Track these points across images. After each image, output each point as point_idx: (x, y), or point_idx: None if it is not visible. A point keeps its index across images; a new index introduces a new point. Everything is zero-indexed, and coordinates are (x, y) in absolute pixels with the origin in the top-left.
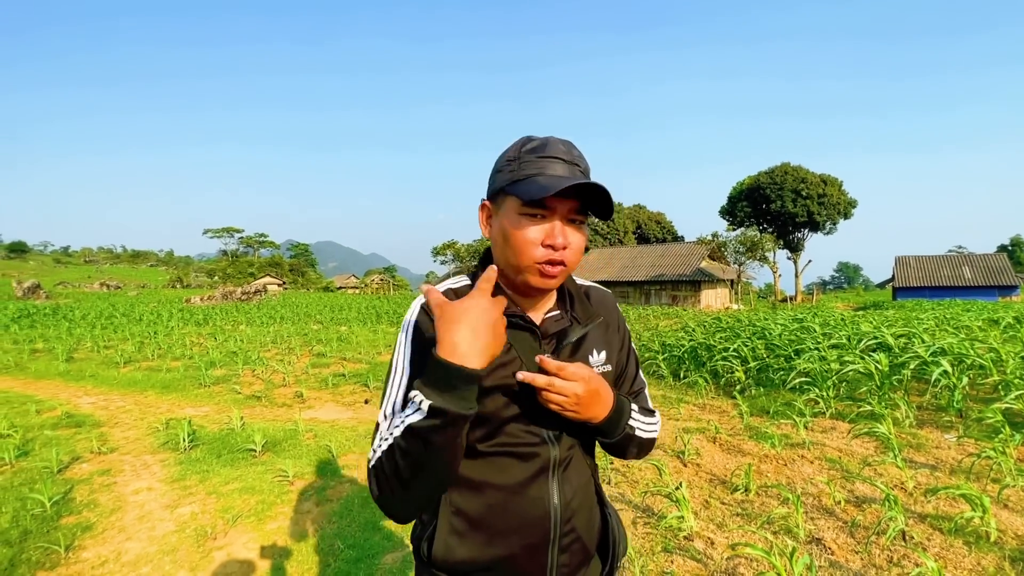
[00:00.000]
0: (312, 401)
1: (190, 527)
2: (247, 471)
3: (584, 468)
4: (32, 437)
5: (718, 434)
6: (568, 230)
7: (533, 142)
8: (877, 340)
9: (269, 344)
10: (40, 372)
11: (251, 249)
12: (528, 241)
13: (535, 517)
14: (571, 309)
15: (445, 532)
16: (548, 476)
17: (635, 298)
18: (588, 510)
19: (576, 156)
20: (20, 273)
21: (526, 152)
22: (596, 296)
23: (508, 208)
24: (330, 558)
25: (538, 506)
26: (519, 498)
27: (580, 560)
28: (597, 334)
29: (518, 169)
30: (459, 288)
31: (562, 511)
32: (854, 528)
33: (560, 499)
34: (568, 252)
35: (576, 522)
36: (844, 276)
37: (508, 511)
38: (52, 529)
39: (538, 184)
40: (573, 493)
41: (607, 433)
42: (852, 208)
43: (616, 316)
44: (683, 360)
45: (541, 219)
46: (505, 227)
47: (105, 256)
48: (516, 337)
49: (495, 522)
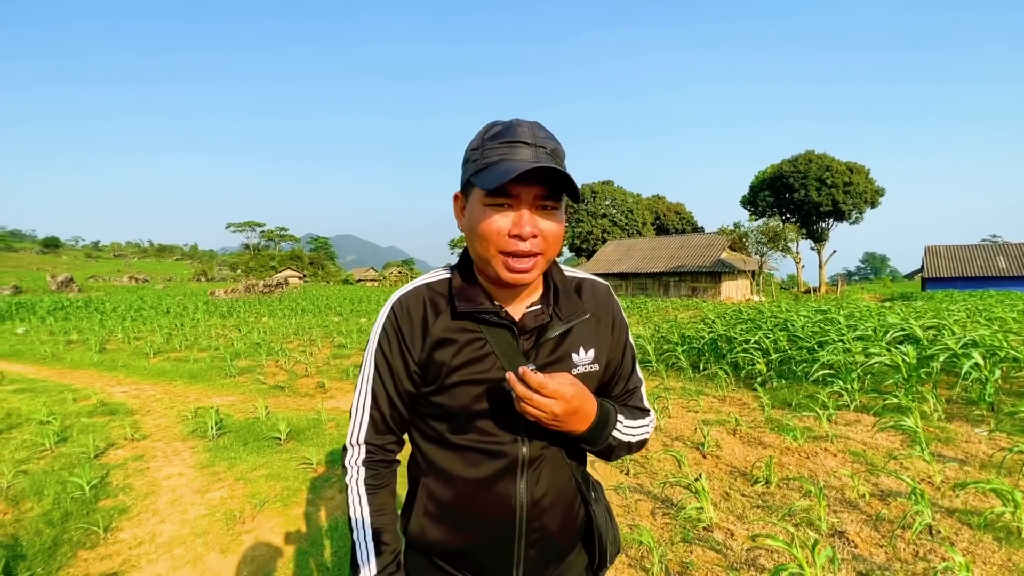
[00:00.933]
0: (334, 391)
1: (220, 511)
2: (273, 458)
3: (563, 467)
4: (70, 424)
5: (738, 426)
6: (537, 217)
7: (496, 127)
8: (904, 332)
9: (291, 336)
10: (75, 362)
11: (272, 243)
12: (493, 232)
13: (500, 513)
14: (554, 303)
15: (420, 513)
16: (516, 474)
17: (654, 290)
18: (564, 507)
19: (541, 138)
20: (54, 267)
21: (488, 139)
22: (588, 290)
23: (474, 199)
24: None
25: (503, 502)
26: (485, 493)
27: (551, 556)
28: (585, 331)
29: (481, 158)
30: (434, 283)
31: (529, 509)
32: (878, 522)
33: (528, 497)
34: (540, 241)
35: (546, 519)
36: (870, 267)
37: (475, 504)
38: (91, 511)
39: (497, 172)
40: (544, 491)
41: (589, 443)
42: (880, 197)
43: (610, 312)
44: (703, 352)
45: (507, 208)
46: (471, 219)
47: (133, 250)
48: (492, 334)
49: (462, 512)
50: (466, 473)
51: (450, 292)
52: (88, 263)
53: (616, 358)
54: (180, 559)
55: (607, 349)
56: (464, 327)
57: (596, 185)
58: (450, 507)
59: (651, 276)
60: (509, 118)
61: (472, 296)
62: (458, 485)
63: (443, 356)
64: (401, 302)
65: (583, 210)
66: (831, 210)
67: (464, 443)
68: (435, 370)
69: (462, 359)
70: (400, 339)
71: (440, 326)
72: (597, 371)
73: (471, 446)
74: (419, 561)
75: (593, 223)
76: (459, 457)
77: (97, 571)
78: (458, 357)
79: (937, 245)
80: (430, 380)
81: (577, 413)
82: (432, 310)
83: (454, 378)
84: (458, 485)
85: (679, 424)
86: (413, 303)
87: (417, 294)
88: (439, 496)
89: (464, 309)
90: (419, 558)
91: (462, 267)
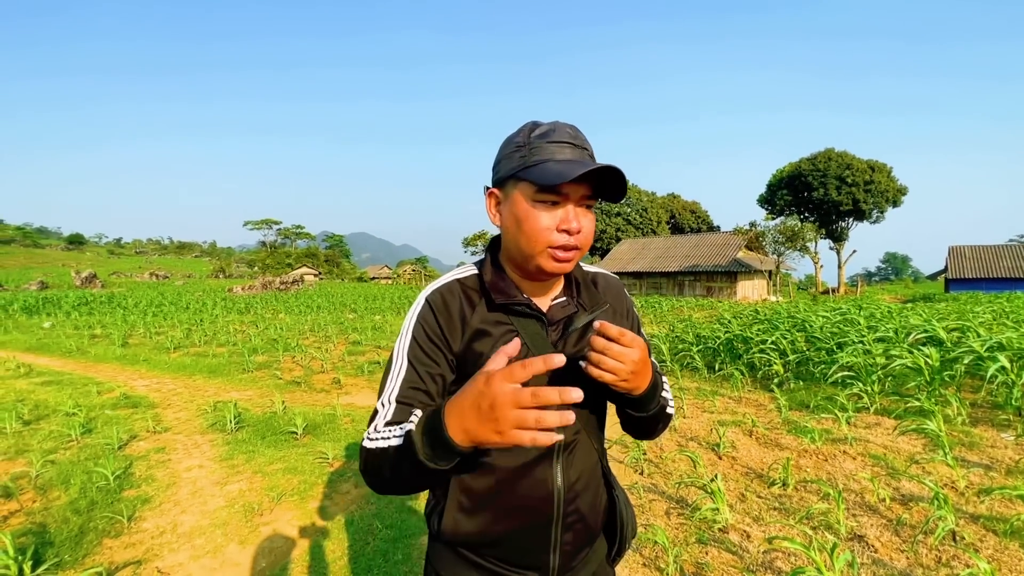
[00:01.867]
0: (349, 387)
1: (239, 503)
2: (289, 452)
3: (591, 451)
4: (94, 416)
5: (755, 427)
6: (580, 214)
7: (541, 127)
8: (927, 334)
9: (307, 332)
10: (99, 356)
11: (288, 240)
12: (543, 227)
13: (539, 497)
14: (577, 295)
15: (454, 508)
16: (552, 459)
17: (668, 289)
18: (593, 492)
19: (582, 140)
20: (78, 263)
21: (535, 138)
22: (603, 283)
23: (520, 194)
24: (369, 537)
25: (542, 487)
26: (524, 479)
27: (583, 539)
28: (605, 320)
29: (528, 155)
30: (465, 278)
31: (566, 492)
32: (899, 526)
33: (564, 481)
34: (582, 236)
35: (580, 503)
36: (892, 267)
37: (513, 491)
38: (115, 501)
39: (553, 170)
40: (578, 475)
41: (644, 405)
42: (902, 195)
43: (624, 303)
44: (718, 352)
45: (553, 205)
46: (518, 213)
47: (154, 247)
48: (523, 325)
49: (501, 501)
50: (503, 462)
51: (482, 286)
52: (111, 259)
53: None
54: (201, 549)
55: None
56: (498, 319)
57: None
58: (487, 497)
59: (666, 275)
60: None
61: (505, 289)
62: (496, 474)
63: (481, 346)
64: (435, 295)
65: (597, 208)
66: (851, 209)
67: None
68: (473, 360)
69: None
70: (439, 331)
71: (478, 318)
72: None
73: None
74: (447, 555)
75: (607, 221)
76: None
77: (122, 559)
78: (495, 348)
79: (961, 245)
80: (468, 371)
81: (647, 363)
82: (467, 303)
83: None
84: (496, 474)
85: (694, 424)
86: (448, 296)
87: (451, 288)
88: (474, 488)
89: (500, 301)
90: (447, 552)
91: (492, 261)
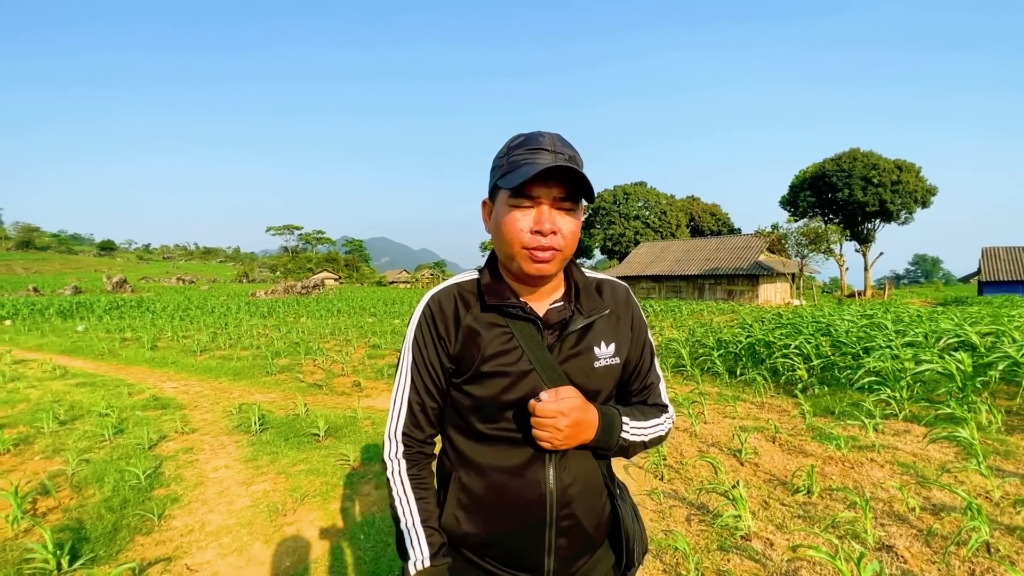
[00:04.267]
0: (369, 390)
1: (263, 503)
2: (312, 454)
3: (587, 458)
4: (126, 417)
5: (778, 433)
6: (556, 215)
7: (520, 138)
8: (959, 338)
9: (328, 336)
10: (129, 358)
11: (309, 245)
12: (516, 229)
13: (531, 499)
14: (576, 300)
15: (453, 505)
16: (545, 462)
17: (688, 293)
18: (591, 499)
19: (561, 146)
20: (109, 269)
21: (514, 148)
22: (608, 289)
23: (500, 201)
24: (390, 539)
25: (534, 489)
26: (517, 480)
27: (580, 545)
28: (606, 326)
29: (506, 164)
30: (463, 282)
31: (559, 496)
32: (930, 537)
33: (557, 484)
34: (558, 238)
35: (575, 508)
36: (921, 270)
37: (507, 492)
38: (147, 499)
39: (519, 173)
40: (572, 480)
41: (600, 450)
42: (931, 196)
43: (629, 310)
44: (740, 357)
45: (529, 208)
46: (497, 219)
47: (180, 253)
48: (518, 327)
49: (495, 501)
50: (497, 462)
51: (479, 289)
52: (140, 265)
53: (635, 354)
54: (228, 547)
55: (627, 345)
56: (492, 320)
57: (628, 186)
58: (483, 497)
59: (685, 279)
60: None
61: (499, 291)
62: (490, 475)
63: (474, 347)
64: (434, 300)
65: (615, 212)
66: (878, 210)
67: (494, 433)
68: (468, 360)
69: (492, 350)
70: (435, 333)
71: (470, 318)
72: (617, 364)
73: (501, 436)
74: (452, 554)
75: (625, 225)
76: (490, 448)
77: (153, 555)
78: (488, 348)
79: (996, 247)
80: (464, 370)
81: (580, 424)
82: (463, 305)
83: (485, 368)
84: (490, 475)
85: (715, 430)
86: (445, 300)
87: (448, 292)
88: (471, 487)
89: (492, 302)
90: (451, 551)
91: (490, 267)
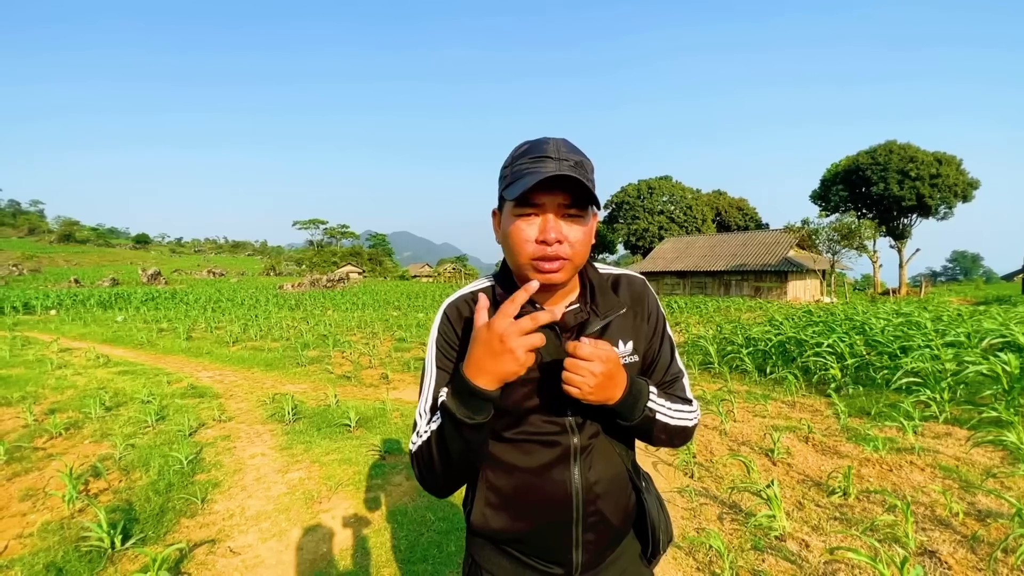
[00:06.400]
0: (396, 383)
1: (299, 490)
2: (344, 444)
3: (612, 456)
4: (166, 404)
5: (811, 433)
6: (562, 224)
7: (524, 146)
8: (1004, 339)
9: (354, 328)
10: (166, 348)
11: (334, 239)
12: (521, 239)
13: (558, 498)
14: (591, 301)
15: (481, 503)
16: (570, 461)
17: (714, 289)
18: (617, 494)
19: (565, 152)
20: (144, 262)
21: (518, 157)
22: (624, 285)
23: (506, 211)
24: (422, 528)
25: (560, 488)
26: (543, 480)
27: (607, 539)
28: (622, 324)
29: (511, 174)
30: (479, 290)
31: (584, 493)
32: (975, 543)
33: (583, 483)
34: (565, 247)
35: (601, 504)
36: (960, 267)
37: (533, 491)
38: (189, 484)
39: (521, 183)
40: (597, 478)
41: (624, 415)
42: (973, 189)
43: (645, 304)
44: (769, 355)
45: (534, 216)
46: (504, 229)
47: (211, 246)
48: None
49: (522, 500)
50: (522, 463)
51: (494, 297)
52: (172, 258)
53: (654, 348)
54: (267, 532)
55: (645, 340)
56: None
57: (653, 181)
58: (510, 495)
59: (711, 275)
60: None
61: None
62: (516, 475)
63: None
64: (451, 308)
65: (639, 206)
66: (915, 205)
67: (518, 437)
68: None
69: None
70: (455, 338)
71: None
72: (636, 362)
73: (526, 439)
74: (484, 545)
75: (649, 220)
76: (515, 449)
77: (197, 537)
78: None
79: None
80: None
81: (612, 378)
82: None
83: None
84: (516, 475)
85: (745, 429)
86: (462, 307)
87: (464, 299)
88: (498, 486)
89: None
90: (484, 543)
91: (503, 274)
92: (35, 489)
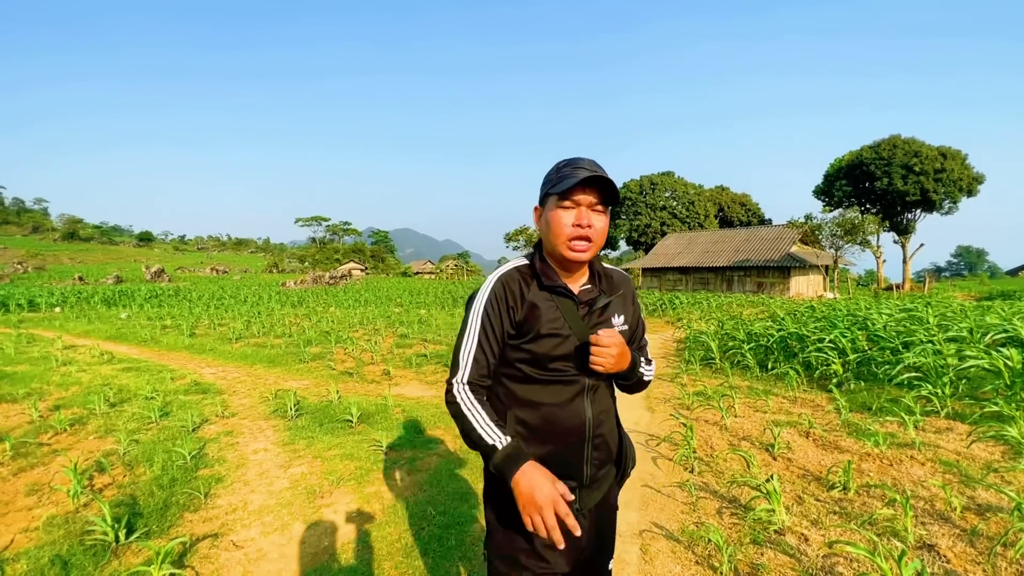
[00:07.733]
0: (398, 379)
1: (301, 485)
2: (345, 439)
3: (607, 396)
4: (169, 400)
5: (811, 428)
6: (592, 215)
7: (565, 161)
8: (1007, 334)
9: (356, 325)
10: (170, 345)
11: (336, 236)
12: (562, 223)
13: (576, 424)
14: (600, 283)
15: (511, 434)
16: (583, 396)
17: (716, 285)
18: (610, 424)
19: (596, 167)
20: (147, 259)
21: (562, 167)
22: (617, 276)
23: (550, 204)
24: (423, 522)
25: (577, 416)
26: (564, 411)
27: (605, 457)
28: (618, 303)
29: (555, 178)
30: (522, 266)
31: (593, 420)
32: (975, 537)
33: (592, 412)
34: (592, 231)
35: (603, 429)
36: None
37: (557, 420)
38: (193, 479)
39: (566, 182)
40: (600, 410)
41: (627, 377)
42: (978, 184)
43: (631, 291)
44: (771, 350)
45: (571, 208)
46: (548, 218)
47: (214, 244)
48: (561, 303)
49: (548, 428)
50: (548, 399)
51: (534, 272)
52: (176, 255)
53: (635, 323)
54: (270, 526)
55: (630, 316)
56: (546, 297)
57: (655, 176)
58: (537, 427)
59: (713, 271)
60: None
61: (550, 275)
62: (543, 408)
63: (535, 315)
64: (501, 280)
65: (641, 202)
66: (919, 200)
67: (545, 377)
68: (529, 325)
69: (547, 318)
70: (505, 304)
71: (533, 294)
72: (627, 331)
73: (551, 379)
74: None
75: (652, 215)
76: (542, 388)
77: (201, 532)
78: (544, 316)
79: None
80: (525, 332)
81: (624, 356)
82: (524, 284)
83: (543, 331)
84: (543, 408)
85: (746, 424)
86: (511, 280)
87: (511, 275)
88: (526, 419)
89: (547, 284)
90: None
91: (539, 255)
92: (40, 484)
